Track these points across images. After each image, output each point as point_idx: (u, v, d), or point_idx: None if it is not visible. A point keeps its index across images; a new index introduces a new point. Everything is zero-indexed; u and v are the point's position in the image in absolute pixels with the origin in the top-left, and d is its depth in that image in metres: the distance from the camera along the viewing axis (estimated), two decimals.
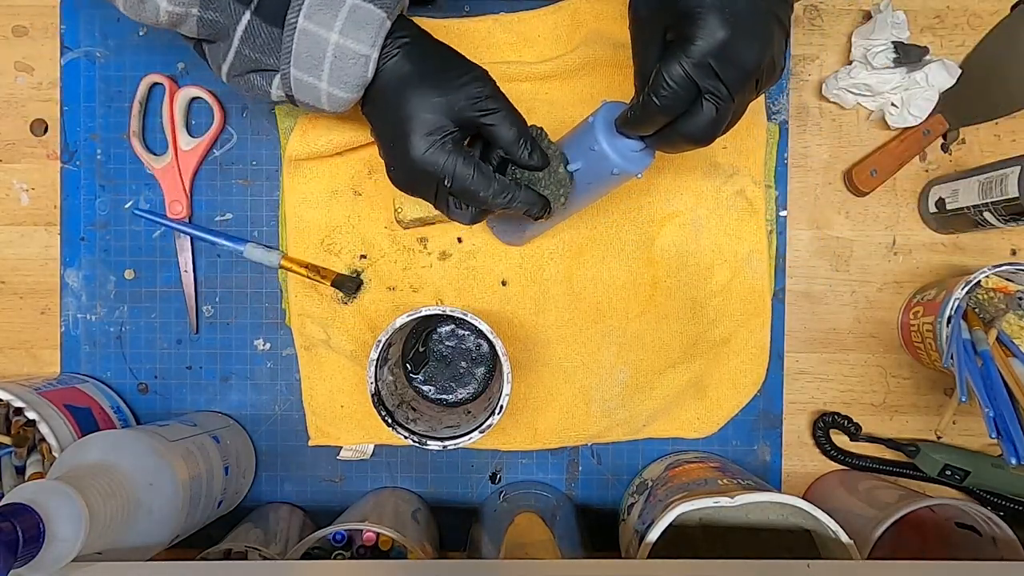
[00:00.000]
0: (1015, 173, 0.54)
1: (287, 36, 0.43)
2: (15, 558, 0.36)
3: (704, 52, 0.40)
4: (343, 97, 0.45)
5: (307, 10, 0.42)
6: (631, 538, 0.54)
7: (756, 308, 0.63)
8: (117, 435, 0.49)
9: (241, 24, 0.43)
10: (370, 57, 0.43)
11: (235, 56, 0.44)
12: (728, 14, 0.40)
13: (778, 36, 0.42)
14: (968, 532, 0.57)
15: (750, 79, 0.42)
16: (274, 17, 0.43)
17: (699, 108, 0.42)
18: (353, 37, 0.43)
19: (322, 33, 0.42)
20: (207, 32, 0.44)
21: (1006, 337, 0.55)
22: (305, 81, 0.44)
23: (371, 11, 0.43)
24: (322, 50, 0.43)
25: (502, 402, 0.53)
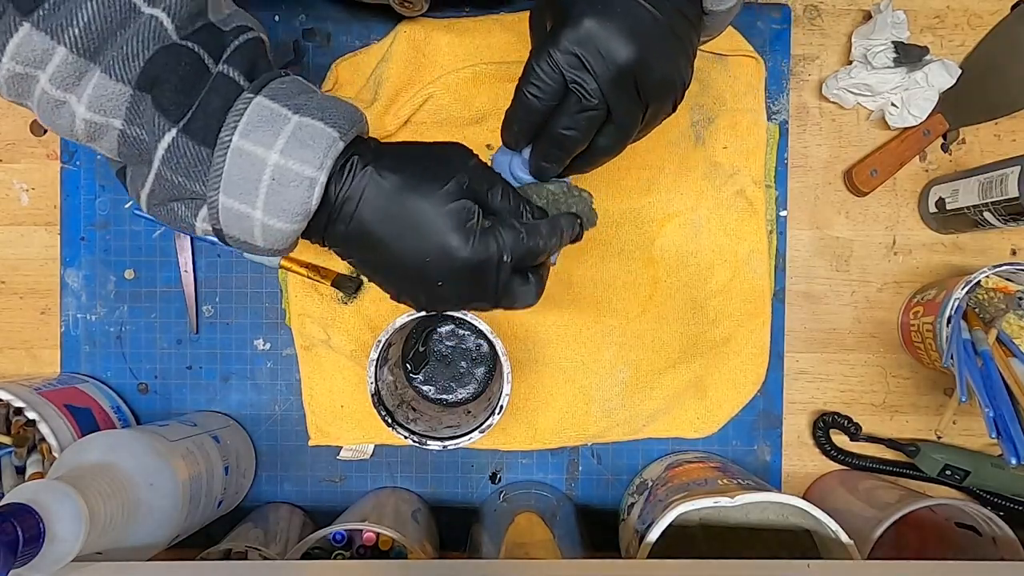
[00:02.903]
0: (1015, 173, 0.54)
1: (218, 156, 0.36)
2: (15, 558, 0.36)
3: (570, 39, 0.38)
4: (281, 229, 0.38)
5: (244, 127, 0.36)
6: (631, 538, 0.54)
7: (756, 308, 0.63)
8: (117, 435, 0.49)
9: (164, 141, 0.37)
10: (316, 180, 0.37)
11: (155, 180, 0.38)
12: (599, 4, 0.38)
13: (667, 46, 0.40)
14: (968, 532, 0.57)
15: (623, 78, 0.39)
16: (204, 135, 0.37)
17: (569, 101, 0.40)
18: (296, 157, 0.37)
19: (259, 152, 0.36)
20: (128, 151, 0.38)
21: (1006, 337, 0.55)
22: (236, 210, 0.37)
23: (319, 129, 0.37)
24: (259, 172, 0.36)
25: (502, 402, 0.53)
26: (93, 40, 0.35)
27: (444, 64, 0.62)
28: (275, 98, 0.38)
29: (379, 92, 0.61)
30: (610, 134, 0.42)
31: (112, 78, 0.36)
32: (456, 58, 0.62)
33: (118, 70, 0.36)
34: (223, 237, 0.39)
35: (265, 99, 0.37)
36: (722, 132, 0.63)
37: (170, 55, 0.36)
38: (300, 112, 0.38)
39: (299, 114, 0.37)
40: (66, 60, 0.35)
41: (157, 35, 0.36)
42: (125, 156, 0.39)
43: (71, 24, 0.34)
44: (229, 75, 0.38)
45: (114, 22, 0.35)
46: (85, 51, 0.35)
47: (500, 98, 0.62)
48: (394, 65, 0.61)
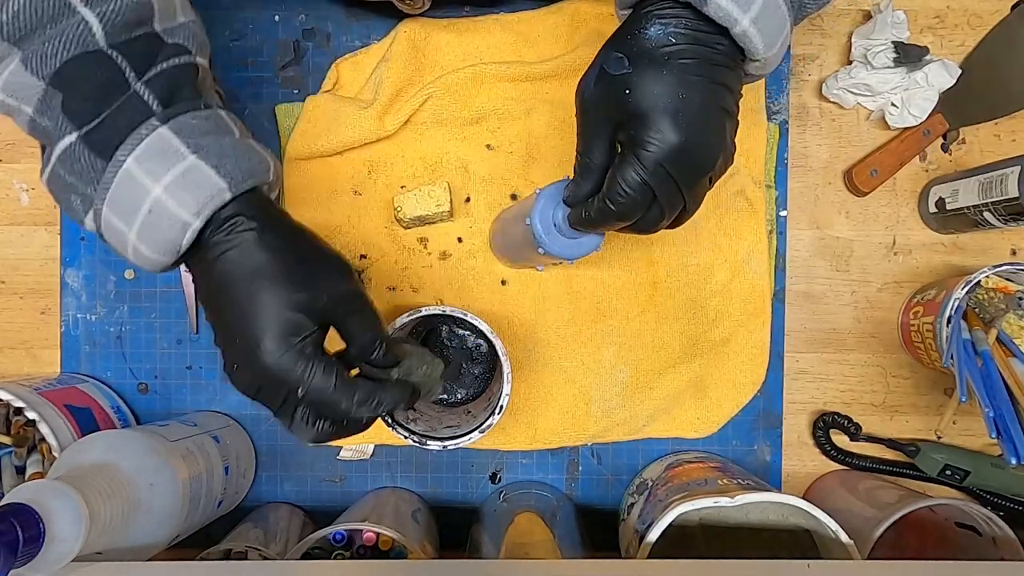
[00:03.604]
0: (1015, 173, 0.54)
1: (110, 171, 0.37)
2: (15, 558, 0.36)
3: (659, 158, 0.39)
4: (149, 257, 0.39)
5: (140, 153, 0.37)
6: (631, 538, 0.54)
7: (756, 308, 0.63)
8: (117, 435, 0.49)
9: (63, 143, 0.37)
10: (189, 225, 0.37)
11: (51, 172, 0.39)
12: (682, 117, 0.39)
13: (729, 129, 0.41)
14: (968, 532, 0.57)
15: (704, 178, 0.41)
16: (103, 147, 0.37)
17: (652, 208, 0.42)
18: (177, 198, 0.37)
19: (145, 182, 0.37)
20: (39, 136, 0.39)
21: (1006, 337, 0.55)
22: (115, 225, 0.38)
23: (208, 177, 0.37)
24: (140, 200, 0.37)
25: (502, 402, 0.53)
26: (19, 28, 0.35)
27: (444, 64, 0.62)
28: (179, 132, 0.38)
29: (379, 92, 0.61)
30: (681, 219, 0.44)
31: (27, 70, 0.36)
32: (456, 58, 0.62)
33: (34, 64, 0.36)
34: (104, 240, 0.40)
35: (169, 131, 0.37)
36: None
37: (88, 61, 0.37)
38: (198, 153, 0.38)
39: (196, 155, 0.37)
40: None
41: (82, 39, 0.36)
42: (36, 137, 0.40)
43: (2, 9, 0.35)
44: (143, 97, 0.38)
45: (44, 15, 0.35)
46: (10, 36, 0.36)
47: (500, 98, 0.62)
48: (394, 65, 0.61)
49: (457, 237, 0.63)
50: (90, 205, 0.39)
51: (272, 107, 0.63)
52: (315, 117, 0.62)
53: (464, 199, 0.63)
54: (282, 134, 0.63)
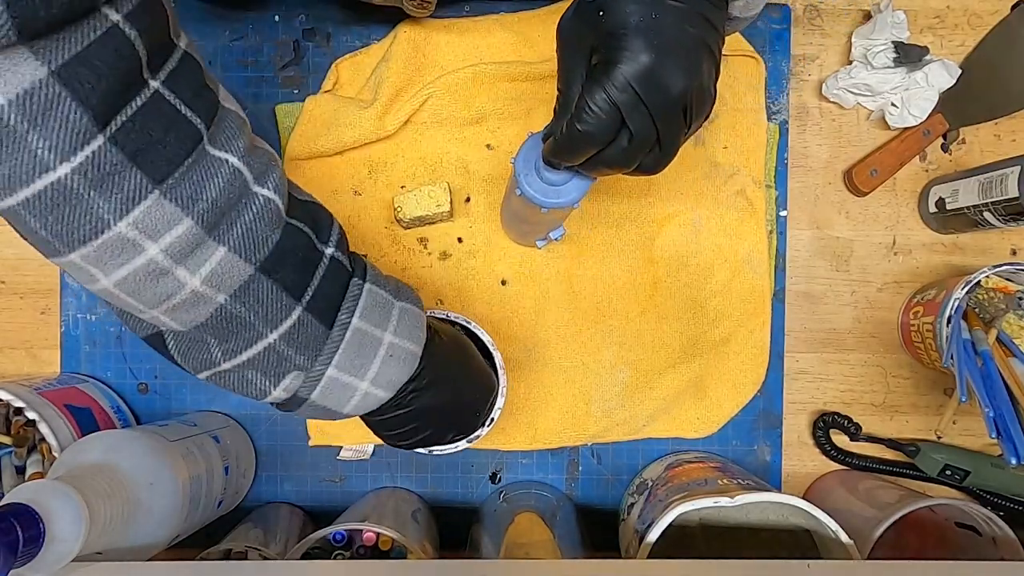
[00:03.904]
0: (1015, 173, 0.54)
1: (336, 334, 0.40)
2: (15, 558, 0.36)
3: (628, 76, 0.38)
4: (379, 397, 0.43)
5: (362, 310, 0.41)
6: (631, 538, 0.54)
7: (756, 308, 0.63)
8: (117, 435, 0.49)
9: (288, 320, 0.38)
10: (418, 355, 0.43)
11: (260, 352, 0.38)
12: (654, 37, 0.37)
13: (707, 64, 0.40)
14: (968, 532, 0.57)
15: (676, 107, 0.39)
16: (324, 314, 0.40)
17: (621, 134, 0.40)
18: (407, 337, 0.43)
19: (376, 333, 0.41)
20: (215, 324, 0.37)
21: (1006, 337, 0.55)
22: (342, 381, 0.41)
23: (417, 313, 0.44)
24: (374, 350, 0.41)
25: (493, 415, 0.52)
26: (215, 215, 0.34)
27: (444, 64, 0.62)
28: (377, 284, 0.42)
29: (379, 92, 0.61)
30: (655, 156, 0.42)
31: (240, 257, 0.36)
32: (456, 58, 0.62)
33: (246, 250, 0.36)
34: (299, 404, 0.41)
35: (373, 286, 0.42)
36: (722, 132, 0.63)
37: (290, 237, 0.38)
38: (398, 297, 0.44)
39: (398, 299, 0.44)
40: (189, 232, 0.33)
41: (276, 217, 0.37)
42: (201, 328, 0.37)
43: (200, 198, 0.33)
44: (341, 260, 0.41)
45: (233, 198, 0.35)
46: (207, 224, 0.34)
47: (500, 98, 0.62)
48: (394, 65, 0.61)
49: (457, 237, 0.63)
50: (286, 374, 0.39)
51: (272, 107, 0.63)
52: (315, 117, 0.62)
53: (464, 199, 0.63)
54: (282, 134, 0.63)
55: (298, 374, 0.40)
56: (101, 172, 0.30)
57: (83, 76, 0.28)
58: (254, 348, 0.38)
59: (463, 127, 0.62)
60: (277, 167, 0.38)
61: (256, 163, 0.36)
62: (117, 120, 0.30)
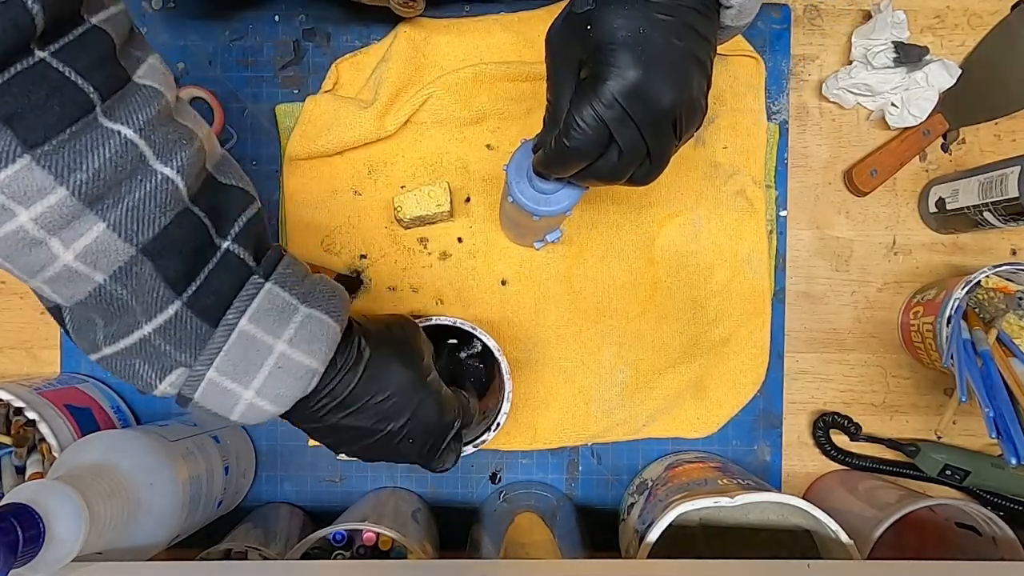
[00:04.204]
0: (1015, 173, 0.54)
1: (220, 335, 0.36)
2: (15, 558, 0.36)
3: (615, 92, 0.37)
4: (267, 411, 0.38)
5: (254, 312, 0.36)
6: (631, 538, 0.54)
7: (756, 308, 0.63)
8: (117, 435, 0.49)
9: (164, 314, 0.35)
10: (316, 372, 0.39)
11: (137, 343, 0.36)
12: (642, 52, 0.37)
13: (696, 76, 0.39)
14: (968, 532, 0.57)
15: (665, 122, 0.39)
16: (208, 313, 0.36)
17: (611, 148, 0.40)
18: (303, 349, 0.38)
19: (266, 340, 0.37)
20: (95, 304, 0.35)
21: (1006, 337, 0.55)
22: (224, 387, 0.37)
23: (326, 323, 0.39)
24: (261, 358, 0.37)
25: (499, 420, 0.52)
26: (97, 188, 0.32)
27: (444, 64, 0.62)
28: (283, 285, 0.38)
29: (379, 92, 0.61)
30: (646, 169, 0.42)
31: (120, 236, 0.33)
32: (456, 58, 0.62)
33: (129, 230, 0.33)
34: (186, 403, 0.38)
35: (275, 286, 0.38)
36: (722, 132, 0.63)
37: (183, 224, 0.35)
38: (307, 302, 0.39)
39: (306, 304, 0.38)
40: (63, 203, 0.31)
41: (173, 199, 0.34)
42: (84, 305, 0.36)
43: (79, 167, 0.31)
44: (239, 255, 0.37)
45: (122, 172, 0.33)
46: (87, 197, 0.32)
47: (500, 98, 0.62)
48: (394, 65, 0.61)
49: (457, 237, 0.63)
50: (172, 369, 0.37)
51: (272, 107, 0.63)
52: (315, 117, 0.62)
53: (464, 199, 0.63)
54: (282, 134, 0.63)
55: (183, 371, 0.37)
56: None
57: None
58: (131, 337, 0.36)
59: (463, 127, 0.62)
60: (189, 145, 0.35)
61: (161, 139, 0.34)
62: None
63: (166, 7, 0.63)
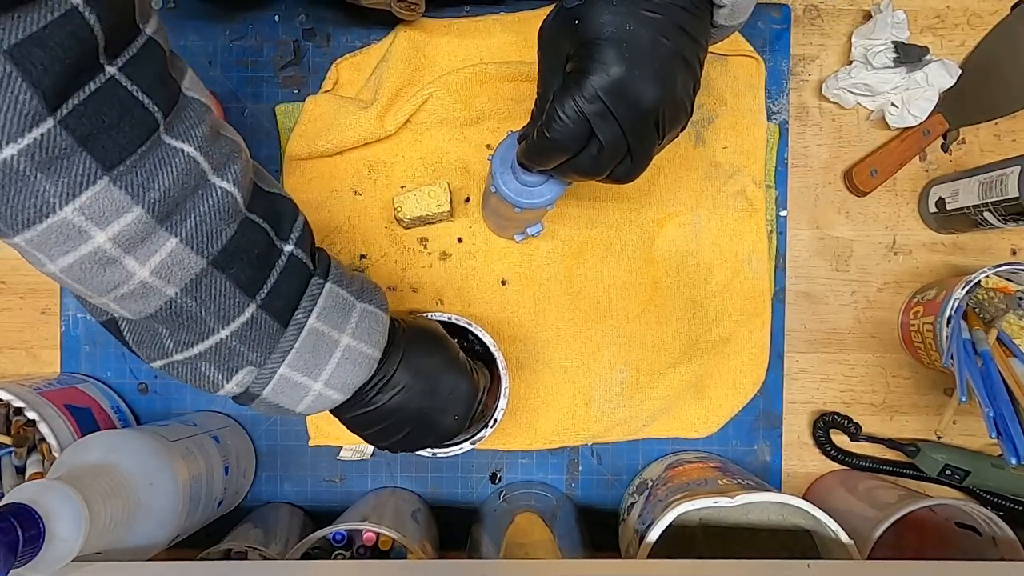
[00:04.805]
0: (1015, 173, 0.54)
1: (291, 333, 0.39)
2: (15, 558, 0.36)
3: (597, 87, 0.38)
4: (334, 399, 0.42)
5: (320, 311, 0.40)
6: (631, 538, 0.54)
7: (756, 308, 0.63)
8: (117, 435, 0.49)
9: (242, 317, 0.37)
10: (375, 359, 0.43)
11: (212, 347, 0.38)
12: (626, 49, 0.37)
13: (682, 76, 0.39)
14: (968, 532, 0.57)
15: (646, 119, 0.39)
16: (280, 313, 0.39)
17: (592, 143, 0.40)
18: (365, 340, 0.42)
19: (333, 335, 0.40)
20: (162, 319, 0.37)
21: (1006, 337, 0.55)
22: (295, 380, 0.40)
23: (380, 316, 0.43)
24: (330, 351, 0.40)
25: (497, 416, 0.52)
26: (168, 205, 0.33)
27: (444, 64, 0.62)
28: (339, 284, 0.42)
29: (379, 92, 0.61)
30: (627, 165, 0.42)
31: (192, 249, 0.35)
32: (456, 58, 0.62)
33: (199, 243, 0.35)
34: (251, 399, 0.41)
35: (334, 286, 0.41)
36: (722, 132, 0.63)
37: (247, 232, 0.37)
38: (361, 299, 0.43)
39: (360, 300, 0.42)
40: (139, 221, 0.33)
41: (233, 211, 0.36)
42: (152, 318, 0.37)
43: (152, 187, 0.33)
44: (300, 258, 0.40)
45: (187, 188, 0.34)
46: (159, 215, 0.33)
47: (500, 98, 0.62)
48: (394, 65, 0.61)
49: (457, 237, 0.63)
50: (239, 368, 0.39)
51: (272, 107, 0.63)
52: (315, 117, 0.62)
53: (464, 199, 0.63)
54: (282, 134, 0.63)
55: (251, 370, 0.39)
56: (49, 155, 0.29)
57: (36, 57, 0.28)
58: (206, 343, 0.38)
59: (463, 127, 0.62)
60: (239, 158, 0.37)
61: (216, 154, 0.35)
62: (69, 103, 0.29)
63: (166, 7, 0.63)
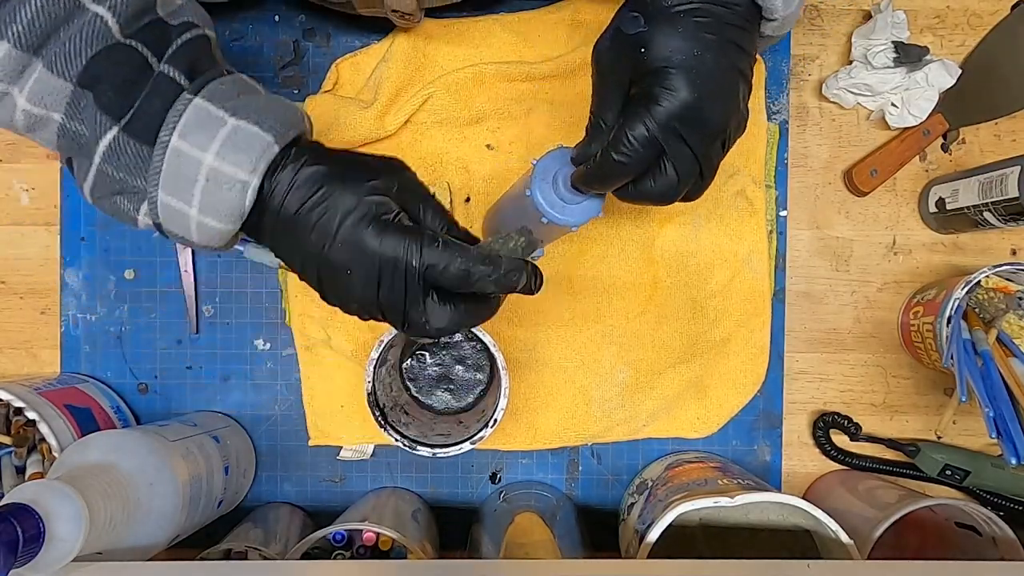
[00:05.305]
0: (1015, 173, 0.54)
1: (157, 155, 0.37)
2: (15, 558, 0.36)
3: (670, 114, 0.39)
4: (215, 228, 0.39)
5: (182, 128, 0.37)
6: (631, 538, 0.54)
7: (756, 308, 0.63)
8: (117, 435, 0.49)
9: (105, 139, 0.37)
10: (248, 184, 0.38)
11: (96, 174, 0.38)
12: (696, 75, 0.38)
13: (743, 91, 0.41)
14: (968, 532, 0.57)
15: (716, 140, 0.40)
16: (145, 133, 0.37)
17: (661, 170, 0.41)
18: (231, 160, 0.37)
19: (195, 154, 0.37)
20: (67, 143, 0.38)
21: (1006, 337, 0.55)
22: (174, 207, 0.38)
23: (255, 134, 0.38)
24: (194, 173, 0.37)
25: (497, 416, 0.52)
26: (36, 36, 0.35)
27: (444, 64, 0.62)
28: (212, 99, 0.38)
29: (379, 92, 0.61)
30: (697, 185, 0.43)
31: (53, 73, 0.36)
32: (456, 58, 0.62)
33: (60, 67, 0.36)
34: (163, 231, 0.40)
35: (203, 100, 0.38)
36: None
37: (113, 55, 0.37)
38: (236, 115, 0.38)
39: (235, 117, 0.38)
40: (9, 55, 0.35)
41: (101, 34, 0.36)
42: (64, 148, 0.39)
43: (14, 20, 0.34)
44: (170, 75, 0.38)
45: (58, 18, 0.35)
46: (28, 46, 0.35)
47: (500, 98, 0.62)
48: (394, 65, 0.61)
49: None
50: (142, 199, 0.38)
51: None
52: (315, 117, 0.62)
53: (464, 199, 0.63)
54: None
55: (147, 199, 0.38)
56: None
57: None
58: (93, 168, 0.38)
59: (463, 127, 0.62)
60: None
61: None
62: None
63: None
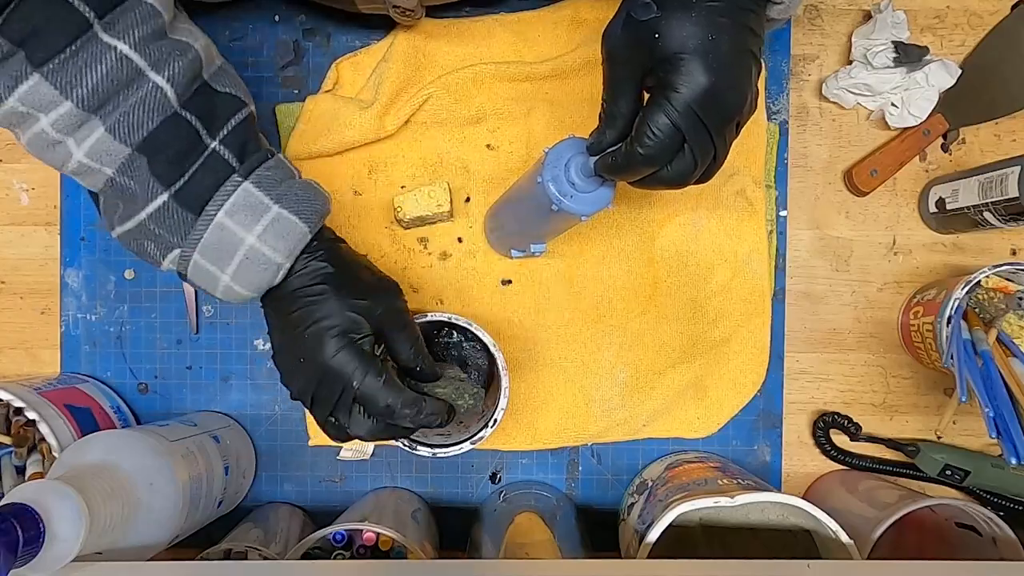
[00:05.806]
0: (1015, 173, 0.54)
1: (200, 225, 0.41)
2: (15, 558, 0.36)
3: (689, 101, 0.39)
4: (241, 294, 0.44)
5: (230, 207, 0.41)
6: (631, 538, 0.54)
7: (756, 308, 0.63)
8: (117, 435, 0.49)
9: (155, 203, 0.41)
10: (282, 267, 0.43)
11: (138, 226, 0.42)
12: (712, 60, 0.39)
13: (755, 72, 0.41)
14: (968, 532, 0.57)
15: (731, 122, 0.41)
16: (193, 204, 0.41)
17: (682, 155, 0.41)
18: (271, 245, 0.42)
19: (239, 233, 0.42)
20: (112, 192, 0.42)
21: (1006, 337, 0.55)
22: (207, 269, 0.43)
23: (295, 224, 0.43)
24: (234, 248, 0.42)
25: (497, 416, 0.52)
26: (98, 98, 0.38)
27: (444, 64, 0.62)
28: (260, 185, 0.42)
29: (379, 92, 0.61)
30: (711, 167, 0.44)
31: (116, 139, 0.39)
32: (456, 58, 0.62)
33: (122, 134, 0.39)
34: (185, 279, 0.44)
35: (252, 185, 0.42)
36: None
37: (171, 127, 0.40)
38: (280, 203, 0.42)
39: (279, 205, 0.42)
40: (70, 112, 0.38)
41: (160, 105, 0.40)
42: (106, 193, 0.43)
43: (79, 84, 0.37)
44: (223, 156, 0.42)
45: (119, 83, 0.38)
46: (89, 107, 0.38)
47: (500, 98, 0.62)
48: (394, 65, 0.61)
49: (457, 237, 0.63)
50: (171, 249, 0.43)
51: (272, 107, 0.63)
52: (315, 117, 0.62)
53: (464, 199, 0.63)
54: (282, 134, 0.63)
55: (179, 252, 0.42)
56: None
57: None
58: (134, 220, 0.42)
59: (463, 127, 0.62)
60: (184, 58, 0.40)
61: (156, 51, 0.39)
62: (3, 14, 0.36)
63: None
